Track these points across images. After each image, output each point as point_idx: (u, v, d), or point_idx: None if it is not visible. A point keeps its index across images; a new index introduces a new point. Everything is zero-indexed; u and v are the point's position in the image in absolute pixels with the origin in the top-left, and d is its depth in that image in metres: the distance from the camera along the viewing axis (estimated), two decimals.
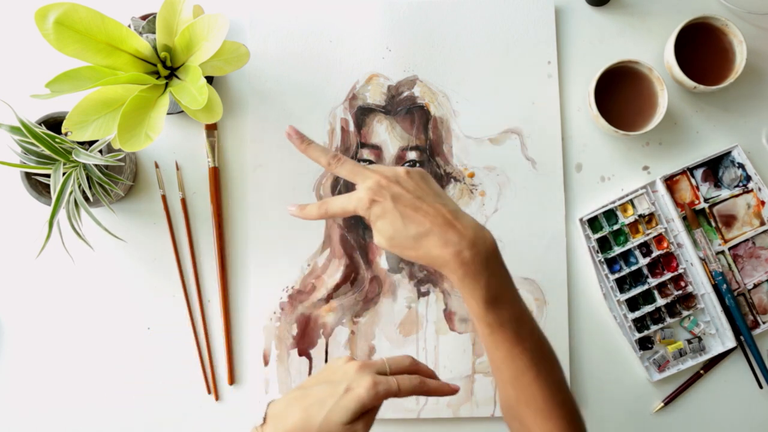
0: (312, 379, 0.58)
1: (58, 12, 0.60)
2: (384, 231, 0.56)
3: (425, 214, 0.55)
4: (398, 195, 0.56)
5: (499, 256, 0.56)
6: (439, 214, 0.55)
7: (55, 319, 0.77)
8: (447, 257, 0.54)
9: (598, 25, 0.79)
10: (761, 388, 0.76)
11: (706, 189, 0.77)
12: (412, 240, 0.55)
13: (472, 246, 0.54)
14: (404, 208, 0.56)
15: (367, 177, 0.58)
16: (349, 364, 0.57)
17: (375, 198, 0.56)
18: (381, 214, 0.56)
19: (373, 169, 0.58)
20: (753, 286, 0.76)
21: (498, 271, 0.56)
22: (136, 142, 0.63)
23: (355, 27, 0.78)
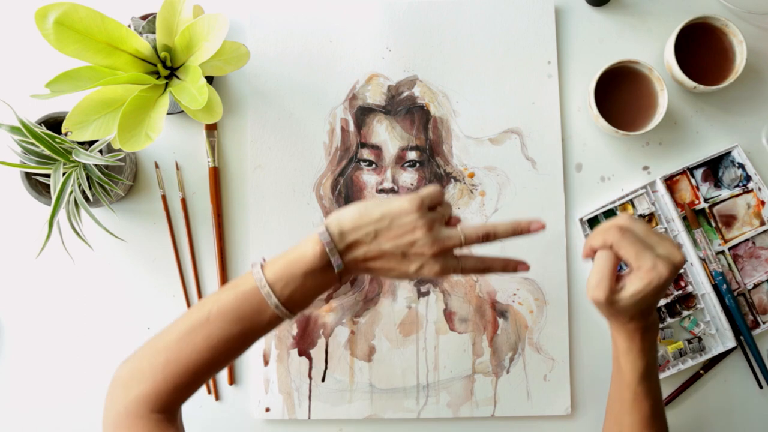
0: (385, 231, 0.56)
1: (58, 12, 0.60)
2: (635, 302, 0.57)
3: (657, 301, 0.59)
4: (668, 285, 0.58)
5: (657, 342, 0.62)
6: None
7: (55, 319, 0.77)
8: (633, 329, 0.59)
9: (598, 25, 0.79)
10: (761, 388, 0.76)
11: (706, 189, 0.77)
12: (641, 318, 0.58)
13: (652, 327, 0.60)
14: (660, 295, 0.58)
15: (675, 254, 0.57)
16: (429, 244, 0.56)
17: (670, 279, 0.57)
18: (651, 293, 0.56)
19: (672, 243, 0.58)
20: (753, 286, 0.76)
21: (655, 353, 0.61)
22: (136, 142, 0.63)
23: (355, 27, 0.78)
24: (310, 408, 0.76)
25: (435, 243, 0.56)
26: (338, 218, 0.56)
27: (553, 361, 0.75)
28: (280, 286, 0.55)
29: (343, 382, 0.76)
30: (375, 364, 0.76)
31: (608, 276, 0.56)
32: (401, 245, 0.56)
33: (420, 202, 0.57)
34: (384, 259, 0.56)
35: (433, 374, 0.76)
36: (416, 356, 0.76)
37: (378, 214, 0.56)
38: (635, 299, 0.56)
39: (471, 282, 0.76)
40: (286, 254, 0.57)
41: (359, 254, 0.56)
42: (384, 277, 0.58)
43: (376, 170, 0.77)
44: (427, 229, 0.56)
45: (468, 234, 0.58)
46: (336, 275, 0.57)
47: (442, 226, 0.58)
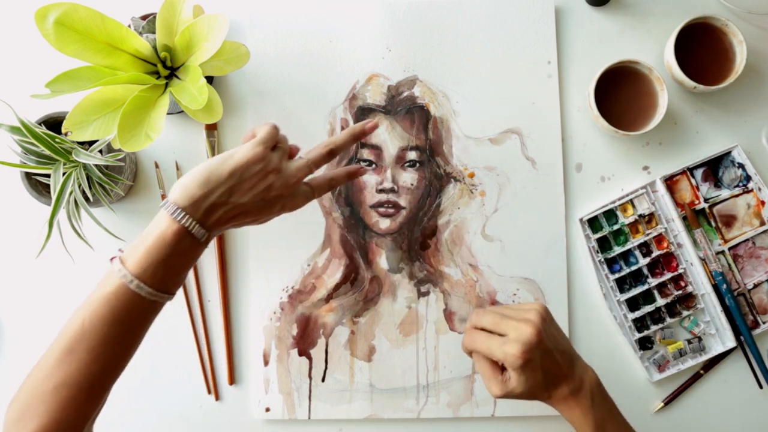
0: (240, 186, 0.57)
1: (58, 12, 0.60)
2: (525, 383, 0.59)
3: (558, 367, 0.60)
4: (544, 353, 0.59)
5: (602, 390, 0.62)
6: (562, 365, 0.60)
7: (55, 319, 0.77)
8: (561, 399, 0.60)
9: (598, 25, 0.79)
10: (761, 388, 0.76)
11: (706, 189, 0.77)
12: (547, 392, 0.60)
13: (579, 389, 0.60)
14: (546, 364, 0.59)
15: (523, 329, 0.58)
16: (282, 183, 0.58)
17: (528, 358, 0.58)
18: (529, 372, 0.58)
19: (520, 320, 0.59)
20: (753, 286, 0.76)
21: (602, 400, 0.61)
22: (136, 142, 0.63)
23: (355, 27, 0.78)
24: (310, 408, 0.76)
25: (289, 180, 0.58)
26: (184, 187, 0.55)
27: None
28: (148, 275, 0.54)
29: (343, 382, 0.76)
30: (375, 364, 0.76)
31: (489, 377, 0.60)
32: (258, 194, 0.57)
33: (263, 147, 0.57)
34: (245, 213, 0.57)
35: (433, 374, 0.76)
36: (416, 356, 0.76)
37: (226, 172, 0.56)
38: (523, 383, 0.58)
39: (471, 282, 0.76)
40: (143, 240, 0.55)
41: (219, 216, 0.56)
42: (250, 225, 0.59)
43: (376, 170, 0.77)
44: (276, 170, 0.58)
45: (313, 158, 0.61)
46: (202, 243, 0.56)
47: (288, 161, 0.59)
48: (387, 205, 0.77)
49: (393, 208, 0.77)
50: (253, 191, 0.57)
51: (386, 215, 0.77)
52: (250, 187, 0.56)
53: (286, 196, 0.59)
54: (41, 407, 0.53)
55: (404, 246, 0.77)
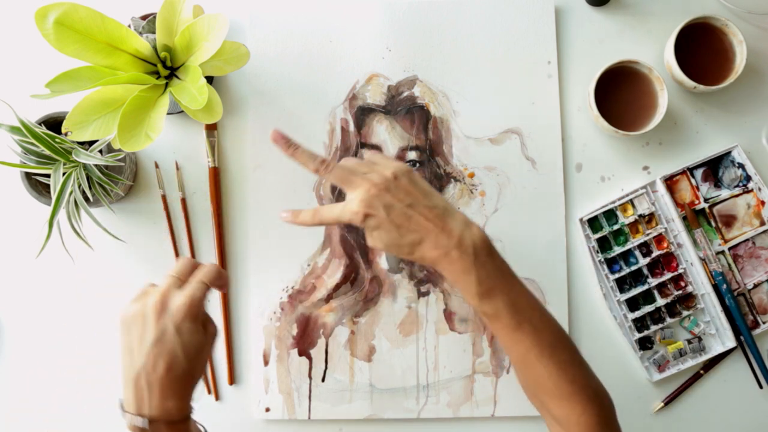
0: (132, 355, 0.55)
1: (58, 12, 0.60)
2: (380, 240, 0.58)
3: (417, 223, 0.57)
4: (390, 206, 0.57)
5: (488, 248, 0.58)
6: (429, 220, 0.57)
7: (55, 319, 0.77)
8: (438, 259, 0.57)
9: (598, 25, 0.79)
10: (761, 388, 0.76)
11: (706, 189, 0.77)
12: (407, 247, 0.58)
13: (459, 245, 0.56)
14: (397, 217, 0.57)
15: (356, 186, 0.58)
16: (148, 314, 0.55)
17: (368, 212, 0.57)
18: (376, 226, 0.58)
19: (361, 175, 0.59)
20: (753, 286, 0.76)
21: (487, 264, 0.57)
22: (136, 142, 0.63)
23: (355, 27, 0.78)
24: (310, 408, 0.76)
25: (147, 305, 0.55)
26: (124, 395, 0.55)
27: None
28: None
29: (343, 382, 0.76)
30: (375, 364, 0.76)
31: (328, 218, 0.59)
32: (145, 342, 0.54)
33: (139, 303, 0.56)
34: (157, 362, 0.54)
35: (433, 374, 0.76)
36: (416, 356, 0.76)
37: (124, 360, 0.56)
38: (377, 239, 0.58)
39: None
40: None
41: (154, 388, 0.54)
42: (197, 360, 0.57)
43: None
44: (153, 312, 0.55)
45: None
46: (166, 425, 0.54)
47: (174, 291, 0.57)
48: None
49: None
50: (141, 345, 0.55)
51: None
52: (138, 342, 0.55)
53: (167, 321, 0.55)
54: None
55: None
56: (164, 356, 0.54)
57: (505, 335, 0.58)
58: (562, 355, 0.58)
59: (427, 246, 0.57)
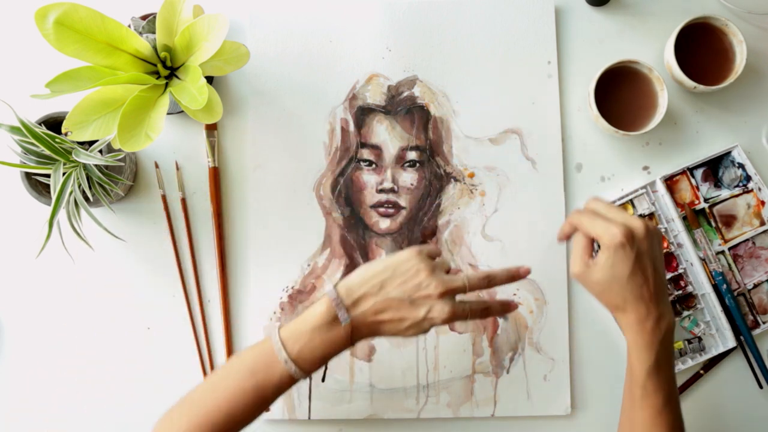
0: (390, 282, 0.59)
1: (58, 12, 0.60)
2: (606, 271, 0.60)
3: (645, 280, 0.60)
4: (641, 253, 0.59)
5: (672, 336, 0.62)
6: (654, 284, 0.60)
7: (55, 319, 0.77)
8: (634, 320, 0.60)
9: (598, 25, 0.79)
10: (761, 388, 0.76)
11: (706, 189, 0.77)
12: (620, 292, 0.60)
13: (658, 321, 0.60)
14: (637, 266, 0.59)
15: (633, 220, 0.60)
16: (430, 283, 0.58)
17: (625, 242, 0.59)
18: (618, 258, 0.59)
19: (631, 215, 0.61)
20: (753, 286, 0.76)
21: (668, 348, 0.61)
22: (136, 142, 0.63)
23: (355, 27, 0.78)
24: (310, 408, 0.76)
25: (440, 284, 0.59)
26: (346, 280, 0.60)
27: (553, 361, 0.75)
28: (290, 342, 0.58)
29: (343, 382, 0.76)
30: (375, 364, 0.76)
31: (580, 253, 0.61)
32: (407, 290, 0.59)
33: (419, 250, 0.61)
34: (392, 310, 0.58)
35: (433, 374, 0.76)
36: (416, 356, 0.76)
37: (381, 266, 0.60)
38: (607, 269, 0.59)
39: None
40: (301, 314, 0.60)
41: (367, 307, 0.58)
42: (397, 334, 0.60)
43: (376, 170, 0.77)
44: (429, 271, 0.59)
45: (470, 277, 0.61)
46: (345, 333, 0.58)
47: (443, 271, 0.61)
48: (387, 205, 0.77)
49: (393, 208, 0.77)
50: (403, 286, 0.58)
51: (386, 215, 0.77)
52: (401, 282, 0.59)
53: (434, 299, 0.58)
54: (185, 424, 0.58)
55: (404, 246, 0.77)
56: (396, 313, 0.59)
57: (648, 415, 0.61)
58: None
59: (634, 305, 0.60)
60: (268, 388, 0.58)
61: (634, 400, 0.62)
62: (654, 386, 0.60)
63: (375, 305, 0.58)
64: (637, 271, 0.59)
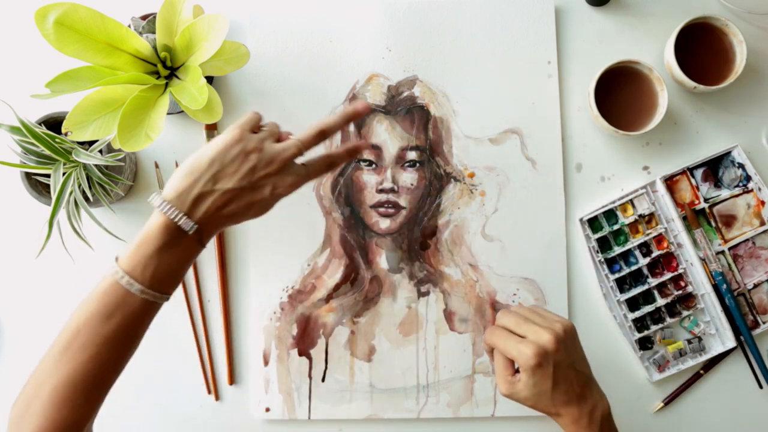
0: (224, 171, 0.55)
1: (58, 12, 0.60)
2: (531, 389, 0.59)
3: (570, 385, 0.60)
4: (558, 365, 0.59)
5: (610, 418, 0.62)
6: (578, 384, 0.60)
7: (55, 319, 0.77)
8: (569, 422, 0.60)
9: (598, 25, 0.79)
10: (761, 388, 0.76)
11: (706, 189, 0.77)
12: (549, 403, 0.60)
13: (591, 414, 0.60)
14: (559, 377, 0.59)
15: (542, 335, 0.59)
16: (267, 163, 0.56)
17: (541, 362, 0.58)
18: (538, 378, 0.59)
19: (540, 325, 0.60)
20: (753, 286, 0.76)
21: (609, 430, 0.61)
22: (136, 142, 0.63)
23: (355, 27, 0.78)
24: (310, 408, 0.76)
25: (273, 159, 0.56)
26: (170, 183, 0.55)
27: None
28: (138, 272, 0.53)
29: (343, 382, 0.76)
30: (375, 364, 0.76)
31: (500, 373, 0.61)
32: (244, 176, 0.55)
33: (240, 130, 0.56)
34: (236, 200, 0.55)
35: (433, 374, 0.76)
36: (416, 356, 0.76)
37: (206, 160, 0.55)
38: (530, 387, 0.59)
39: (471, 282, 0.76)
40: (135, 238, 0.55)
41: (208, 206, 0.54)
42: (248, 219, 0.57)
43: (376, 170, 0.77)
44: (257, 149, 0.56)
45: (303, 138, 0.58)
46: (195, 239, 0.55)
47: (273, 143, 0.57)
48: (387, 205, 0.77)
49: (393, 208, 0.77)
50: (237, 174, 0.55)
51: (386, 215, 0.77)
52: (234, 170, 0.55)
53: (274, 175, 0.56)
54: (39, 408, 0.53)
55: (404, 246, 0.77)
56: (241, 202, 0.55)
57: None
58: None
59: (567, 410, 0.60)
60: (133, 324, 0.54)
61: None
62: None
63: (215, 202, 0.54)
64: (560, 382, 0.59)
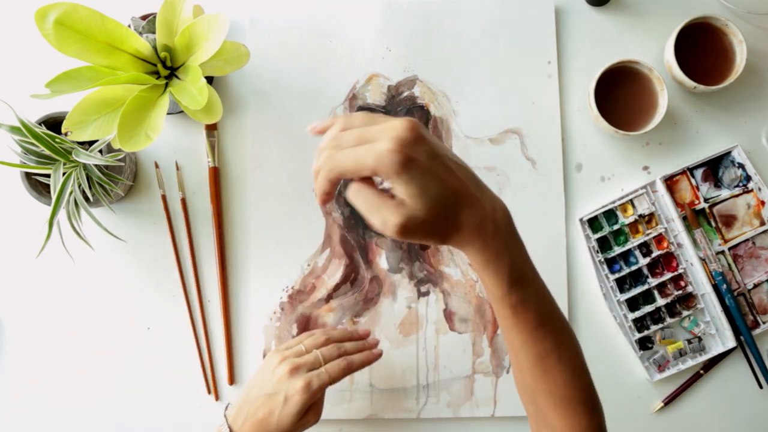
0: (253, 389, 0.65)
1: (58, 12, 0.60)
2: (423, 197, 0.44)
3: (458, 181, 0.45)
4: (434, 155, 0.44)
5: (514, 227, 0.49)
6: (466, 179, 0.46)
7: (55, 319, 0.77)
8: (472, 233, 0.46)
9: (598, 25, 0.79)
10: (761, 388, 0.76)
11: (706, 189, 0.77)
12: (451, 213, 0.45)
13: (494, 218, 0.46)
14: (440, 166, 0.44)
15: (389, 125, 0.44)
16: (279, 369, 0.64)
17: (410, 153, 0.42)
18: (418, 174, 0.43)
19: (382, 122, 0.45)
20: (753, 286, 0.76)
21: (518, 246, 0.49)
22: (136, 142, 0.63)
23: (355, 27, 0.78)
24: None
25: (286, 364, 0.64)
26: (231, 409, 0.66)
27: None
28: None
29: (343, 382, 0.76)
30: (375, 364, 0.76)
31: (377, 206, 0.44)
32: (264, 386, 0.64)
33: (278, 349, 0.68)
34: (261, 409, 0.63)
35: (433, 374, 0.76)
36: (416, 356, 0.76)
37: (251, 378, 0.67)
38: (420, 194, 0.43)
39: (471, 282, 0.76)
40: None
41: (243, 419, 0.64)
42: (281, 423, 0.64)
43: None
44: (280, 360, 0.65)
45: (324, 353, 0.67)
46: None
47: (295, 356, 0.66)
48: None
49: None
50: (261, 385, 0.65)
51: None
52: (260, 382, 0.65)
53: (285, 381, 0.64)
54: None
55: (404, 246, 0.77)
56: (265, 409, 0.64)
57: (527, 332, 0.50)
58: (578, 361, 0.53)
59: (467, 213, 0.45)
60: None
61: (507, 324, 0.51)
62: (520, 299, 0.49)
63: (247, 414, 0.63)
64: (445, 178, 0.44)
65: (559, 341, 0.52)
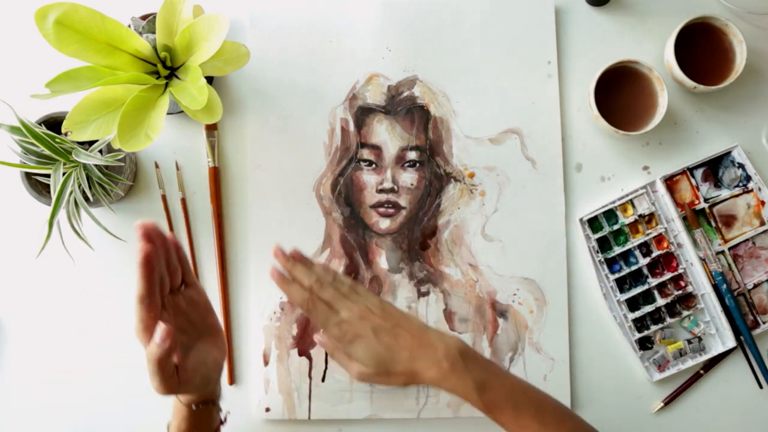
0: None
1: (58, 12, 0.60)
2: (370, 362, 0.61)
3: (407, 339, 0.61)
4: (381, 329, 0.61)
5: (469, 349, 0.61)
6: (416, 334, 0.61)
7: (55, 319, 0.77)
8: (431, 375, 0.60)
9: (598, 25, 0.79)
10: (761, 388, 0.76)
11: (706, 189, 0.77)
12: (403, 367, 0.60)
13: (445, 355, 0.60)
14: (386, 339, 0.61)
15: (343, 307, 0.62)
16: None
17: (357, 333, 0.61)
18: (363, 347, 0.61)
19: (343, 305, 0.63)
20: (753, 286, 0.76)
21: (475, 362, 0.61)
22: (136, 142, 0.63)
23: (355, 27, 0.78)
24: (310, 408, 0.76)
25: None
26: None
27: (553, 361, 0.75)
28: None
29: (343, 382, 0.76)
30: None
31: (343, 363, 0.65)
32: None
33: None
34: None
35: None
36: None
37: None
38: (367, 360, 0.61)
39: (471, 282, 0.76)
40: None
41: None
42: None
43: (376, 170, 0.77)
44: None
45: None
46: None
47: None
48: (387, 205, 0.77)
49: (393, 208, 0.77)
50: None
51: (386, 215, 0.77)
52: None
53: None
54: None
55: (404, 246, 0.77)
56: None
57: (511, 424, 0.60)
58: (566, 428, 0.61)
59: (421, 363, 0.60)
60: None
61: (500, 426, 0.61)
62: (492, 400, 0.60)
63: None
64: (391, 343, 0.61)
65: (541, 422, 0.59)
